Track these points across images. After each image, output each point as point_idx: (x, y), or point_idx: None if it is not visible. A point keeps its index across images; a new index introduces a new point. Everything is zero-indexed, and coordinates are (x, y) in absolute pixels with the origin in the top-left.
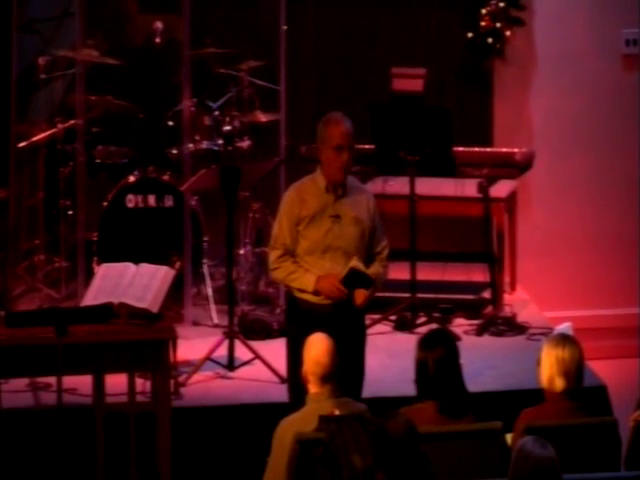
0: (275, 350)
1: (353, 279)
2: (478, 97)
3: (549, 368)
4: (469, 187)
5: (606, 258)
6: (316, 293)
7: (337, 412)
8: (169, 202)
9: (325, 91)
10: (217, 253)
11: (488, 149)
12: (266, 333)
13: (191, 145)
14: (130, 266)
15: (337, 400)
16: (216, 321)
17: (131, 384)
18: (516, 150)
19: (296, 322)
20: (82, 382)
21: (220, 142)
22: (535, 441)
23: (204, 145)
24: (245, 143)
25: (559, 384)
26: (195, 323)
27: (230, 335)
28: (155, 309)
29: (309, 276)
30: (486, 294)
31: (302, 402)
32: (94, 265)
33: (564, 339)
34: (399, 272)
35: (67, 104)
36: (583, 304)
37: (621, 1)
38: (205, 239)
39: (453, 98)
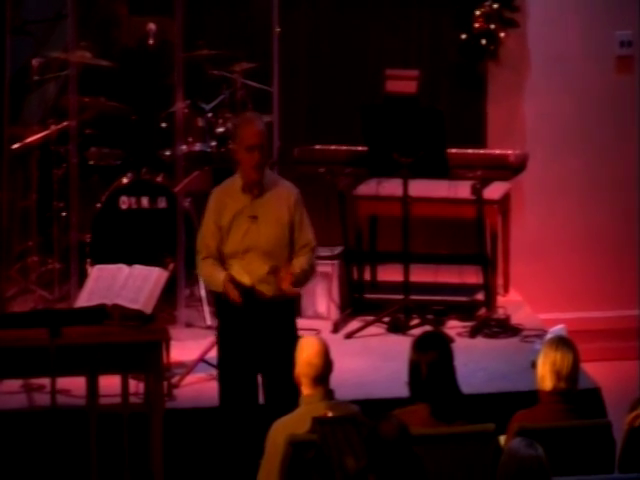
0: None
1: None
2: (471, 99)
3: (545, 370)
4: (462, 189)
5: (600, 259)
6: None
7: (330, 414)
8: (162, 204)
9: (318, 93)
10: None
11: (481, 151)
12: None
13: (184, 147)
14: (123, 268)
15: (330, 402)
16: (209, 322)
17: (124, 385)
18: (510, 152)
19: (219, 313)
20: (75, 383)
21: (213, 144)
22: (522, 441)
23: (197, 147)
24: None
25: (555, 386)
26: (188, 324)
27: None
28: (148, 311)
29: (220, 275)
30: (479, 296)
31: (230, 398)
32: (87, 267)
33: (562, 341)
34: (392, 274)
35: (60, 106)
36: (577, 306)
37: (615, 2)
38: None
39: (446, 100)
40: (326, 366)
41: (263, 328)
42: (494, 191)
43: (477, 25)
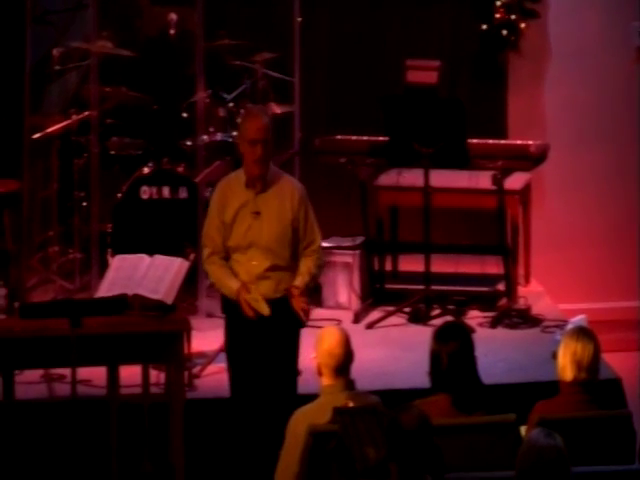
0: None
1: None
2: (492, 89)
3: (566, 360)
4: (483, 179)
5: (622, 250)
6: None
7: (351, 404)
8: (183, 194)
9: (339, 83)
10: None
11: (502, 141)
12: None
13: (205, 137)
14: (144, 258)
15: (351, 392)
16: None
17: (145, 376)
18: (531, 142)
19: (225, 308)
20: (96, 373)
21: (234, 134)
22: (541, 431)
23: (218, 137)
24: None
25: (575, 376)
26: (209, 315)
27: None
28: (169, 301)
29: (232, 284)
30: (500, 286)
31: (239, 393)
32: (108, 257)
33: (582, 332)
34: (413, 264)
35: (81, 95)
36: (598, 296)
37: None
38: None
39: (467, 90)
40: (347, 356)
41: (267, 320)
42: (515, 181)
43: (498, 16)
